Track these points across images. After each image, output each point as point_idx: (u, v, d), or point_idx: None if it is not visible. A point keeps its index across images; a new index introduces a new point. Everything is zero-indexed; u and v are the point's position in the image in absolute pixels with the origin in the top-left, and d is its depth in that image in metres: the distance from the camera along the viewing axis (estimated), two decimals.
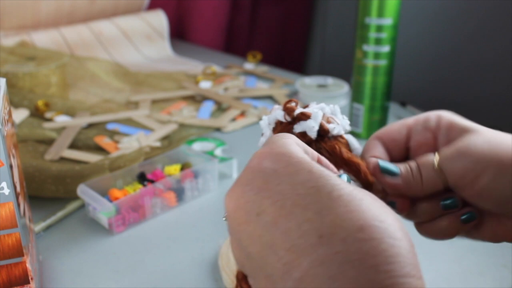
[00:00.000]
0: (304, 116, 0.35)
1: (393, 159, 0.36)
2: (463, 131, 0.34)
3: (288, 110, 0.35)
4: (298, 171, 0.26)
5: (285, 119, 0.35)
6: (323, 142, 0.35)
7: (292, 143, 0.28)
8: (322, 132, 0.35)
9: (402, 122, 0.36)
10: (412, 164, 0.34)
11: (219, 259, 0.51)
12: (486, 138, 0.33)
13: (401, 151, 0.37)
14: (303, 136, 0.35)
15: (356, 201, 0.24)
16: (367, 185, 0.35)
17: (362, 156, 0.36)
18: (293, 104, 0.36)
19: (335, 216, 0.23)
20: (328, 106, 0.36)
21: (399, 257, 0.22)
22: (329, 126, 0.35)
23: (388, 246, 0.22)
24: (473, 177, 0.32)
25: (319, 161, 0.31)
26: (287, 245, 0.23)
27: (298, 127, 0.35)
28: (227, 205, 0.27)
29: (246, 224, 0.25)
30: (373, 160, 0.34)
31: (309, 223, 0.23)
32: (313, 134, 0.34)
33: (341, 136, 0.36)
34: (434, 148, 0.35)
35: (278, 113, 0.36)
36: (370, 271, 0.21)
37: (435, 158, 0.33)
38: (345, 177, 0.31)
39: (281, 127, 0.36)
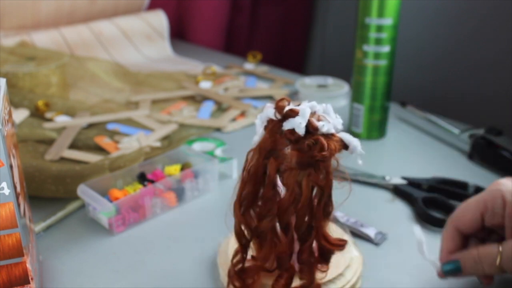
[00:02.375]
0: (293, 113, 0.35)
1: (468, 237, 0.43)
2: None
3: (278, 108, 0.36)
4: None
5: (275, 116, 0.36)
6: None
7: None
8: (311, 128, 0.35)
9: (474, 209, 0.41)
10: (475, 257, 0.40)
11: (218, 257, 0.51)
12: None
13: (478, 230, 0.42)
14: (292, 133, 0.35)
15: None
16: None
17: (441, 243, 0.44)
18: (285, 102, 0.36)
19: None
20: (321, 105, 0.37)
21: None
22: (318, 124, 0.35)
23: None
24: None
25: None
26: None
27: (287, 124, 0.35)
28: None
29: None
30: (437, 267, 0.43)
31: None
32: (301, 131, 0.34)
33: (333, 135, 0.36)
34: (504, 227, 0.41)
35: (269, 111, 0.36)
36: None
37: (498, 255, 0.39)
38: None
39: (271, 124, 0.36)
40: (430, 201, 0.62)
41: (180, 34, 1.36)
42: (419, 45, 1.10)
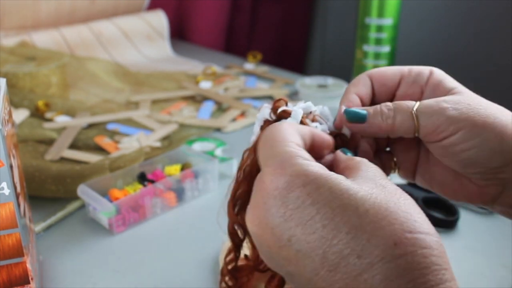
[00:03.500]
0: (285, 114, 0.35)
1: (376, 101, 0.37)
2: (449, 91, 0.35)
3: (273, 109, 0.36)
4: (319, 190, 0.25)
5: (270, 117, 0.36)
6: None
7: (295, 154, 0.27)
8: None
9: (397, 69, 0.37)
10: (386, 106, 0.34)
11: (220, 255, 0.52)
12: (466, 99, 0.34)
13: (388, 97, 0.37)
14: None
15: (382, 213, 0.25)
16: (352, 146, 0.35)
17: (347, 90, 0.37)
18: (281, 102, 0.36)
19: (369, 235, 0.24)
20: (317, 106, 0.37)
21: (433, 266, 0.24)
22: (311, 125, 0.35)
23: (422, 257, 0.24)
24: (445, 135, 0.33)
25: (314, 138, 0.31)
26: (327, 266, 0.24)
27: None
28: (251, 229, 0.27)
29: (279, 249, 0.26)
30: (341, 110, 0.35)
31: (345, 245, 0.24)
32: None
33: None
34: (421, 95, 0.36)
35: (265, 112, 0.36)
36: (409, 286, 0.23)
37: (415, 105, 0.34)
38: (347, 152, 0.32)
39: (266, 125, 0.36)
40: (430, 201, 0.62)
41: (180, 34, 1.36)
42: (419, 45, 1.10)
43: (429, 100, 0.34)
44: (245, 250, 0.47)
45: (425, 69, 0.37)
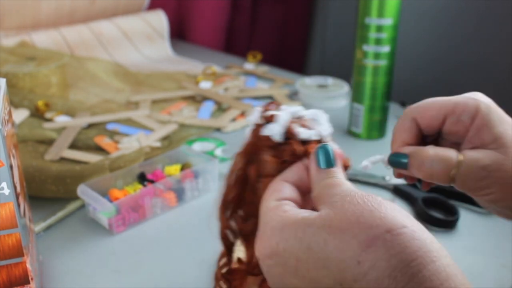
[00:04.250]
0: (271, 119, 0.35)
1: (423, 136, 0.39)
2: (492, 140, 0.36)
3: (262, 112, 0.36)
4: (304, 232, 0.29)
5: (260, 121, 0.36)
6: (289, 144, 0.35)
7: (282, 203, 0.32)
8: (289, 135, 0.35)
9: (441, 106, 0.37)
10: (427, 158, 0.36)
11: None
12: (506, 162, 0.35)
13: (434, 133, 0.39)
14: (267, 139, 0.35)
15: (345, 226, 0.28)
16: None
17: (394, 139, 0.39)
18: (271, 106, 0.36)
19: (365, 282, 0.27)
20: (310, 110, 0.37)
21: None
22: (296, 130, 0.35)
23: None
24: (478, 193, 0.36)
25: (301, 179, 0.34)
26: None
27: (265, 130, 0.35)
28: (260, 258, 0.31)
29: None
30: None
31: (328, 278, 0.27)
32: (276, 137, 0.34)
33: (317, 141, 0.35)
34: (463, 137, 0.37)
35: (255, 115, 0.36)
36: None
37: (456, 163, 0.35)
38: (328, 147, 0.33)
39: (256, 129, 0.36)
40: (430, 201, 0.62)
41: (180, 34, 1.36)
42: (419, 45, 1.10)
43: (471, 161, 0.35)
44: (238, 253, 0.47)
45: (470, 106, 0.37)
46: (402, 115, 0.39)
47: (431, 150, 0.36)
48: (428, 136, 0.39)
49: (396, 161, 0.38)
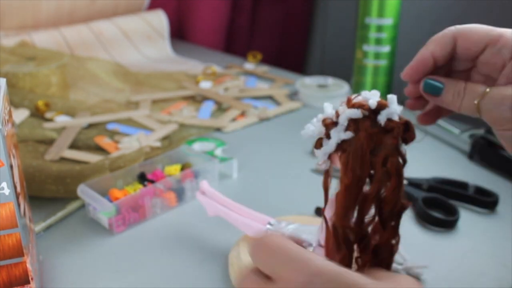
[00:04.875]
0: (384, 105, 0.35)
1: (454, 61, 0.39)
2: None
3: (364, 106, 0.35)
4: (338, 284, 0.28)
5: (363, 114, 0.35)
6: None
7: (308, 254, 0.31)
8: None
9: (485, 33, 0.37)
10: (460, 87, 0.36)
11: (230, 253, 0.52)
12: None
13: (468, 61, 0.38)
14: (390, 122, 0.35)
15: None
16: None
17: (426, 45, 0.39)
18: (359, 98, 0.36)
19: None
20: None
21: None
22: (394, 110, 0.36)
23: None
24: (504, 128, 0.35)
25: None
26: None
27: (382, 116, 0.35)
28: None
29: None
30: (414, 65, 0.38)
31: None
32: (396, 117, 0.36)
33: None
34: (499, 71, 0.37)
35: (352, 112, 0.35)
36: None
37: (482, 94, 0.36)
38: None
39: (360, 123, 0.35)
40: (430, 201, 0.62)
41: (180, 34, 1.36)
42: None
43: (499, 90, 0.35)
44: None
45: (510, 41, 0.36)
46: (444, 30, 0.38)
47: (461, 83, 0.37)
48: (459, 63, 0.39)
49: (432, 85, 0.38)
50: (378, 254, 0.37)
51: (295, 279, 0.29)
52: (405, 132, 0.36)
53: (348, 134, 0.35)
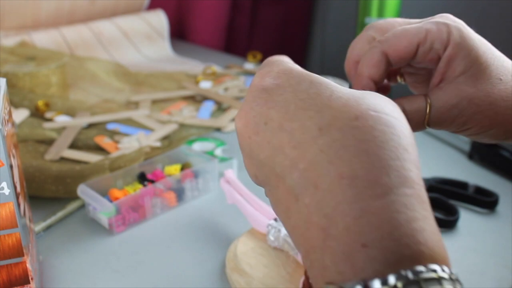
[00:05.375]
0: None
1: (390, 71, 0.38)
2: (463, 71, 0.35)
3: None
4: (300, 82, 0.27)
5: None
6: None
7: (289, 61, 0.30)
8: None
9: (412, 36, 0.35)
10: (402, 106, 0.35)
11: (227, 254, 0.52)
12: (482, 95, 0.34)
13: (403, 64, 0.37)
14: None
15: (355, 98, 0.26)
16: None
17: (360, 71, 0.36)
18: None
19: (334, 110, 0.25)
20: None
21: (390, 142, 0.24)
22: None
23: (380, 132, 0.24)
24: (461, 130, 0.35)
25: None
26: (292, 143, 0.25)
27: None
28: (237, 125, 0.29)
29: (256, 135, 0.27)
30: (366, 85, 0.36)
31: (310, 120, 0.25)
32: None
33: None
34: (438, 61, 0.36)
35: None
36: (362, 155, 0.23)
37: (425, 112, 0.35)
38: None
39: None
40: (430, 201, 0.62)
41: (180, 34, 1.36)
42: None
43: (438, 102, 0.34)
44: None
45: (443, 33, 0.35)
46: (371, 47, 0.36)
47: (404, 102, 0.35)
48: (405, 68, 0.38)
49: None
50: None
51: (265, 75, 0.29)
52: None
53: None
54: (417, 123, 0.35)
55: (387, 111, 0.25)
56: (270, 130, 0.26)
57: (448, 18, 0.37)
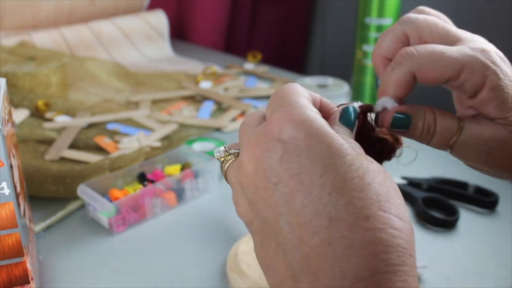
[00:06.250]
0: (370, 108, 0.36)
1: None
2: (498, 116, 0.33)
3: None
4: (317, 145, 0.26)
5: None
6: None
7: (306, 105, 0.28)
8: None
9: (445, 70, 0.33)
10: (430, 119, 0.34)
11: (228, 256, 0.52)
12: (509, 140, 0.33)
13: (432, 85, 0.35)
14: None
15: (365, 186, 0.25)
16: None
17: (386, 81, 0.35)
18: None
19: (346, 201, 0.24)
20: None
21: (398, 247, 0.24)
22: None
23: (389, 236, 0.24)
24: (476, 166, 0.34)
25: (321, 105, 0.32)
26: (300, 220, 0.25)
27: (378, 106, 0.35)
28: (247, 165, 0.27)
29: (264, 191, 0.26)
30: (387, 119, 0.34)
31: (323, 204, 0.25)
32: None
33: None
34: (466, 98, 0.35)
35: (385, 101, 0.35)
36: (369, 258, 0.23)
37: (457, 133, 0.34)
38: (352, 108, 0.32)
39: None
40: (430, 201, 0.62)
41: (180, 34, 1.36)
42: None
43: (474, 130, 0.34)
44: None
45: (477, 75, 0.33)
46: (398, 63, 0.34)
47: (431, 118, 0.34)
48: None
49: (400, 122, 0.34)
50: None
51: (283, 123, 0.27)
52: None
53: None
54: (442, 141, 0.34)
55: (394, 210, 0.25)
56: (281, 194, 0.26)
57: (491, 56, 0.33)
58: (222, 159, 0.32)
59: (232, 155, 0.32)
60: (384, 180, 0.26)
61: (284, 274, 0.25)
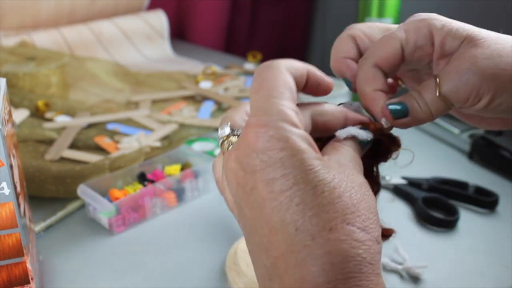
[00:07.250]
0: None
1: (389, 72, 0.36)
2: (461, 41, 0.34)
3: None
4: (291, 158, 0.27)
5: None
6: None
7: (283, 110, 0.29)
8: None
9: (393, 43, 0.35)
10: (415, 95, 0.34)
11: (228, 258, 0.52)
12: (487, 53, 0.33)
13: (397, 70, 0.36)
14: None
15: (334, 200, 0.27)
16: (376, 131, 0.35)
17: (363, 88, 0.36)
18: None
19: (313, 213, 0.26)
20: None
21: (357, 257, 0.26)
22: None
23: (349, 247, 0.26)
24: (476, 100, 0.33)
25: (309, 77, 0.35)
26: (270, 226, 0.26)
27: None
28: (229, 163, 0.29)
29: (242, 190, 0.28)
30: (381, 104, 0.35)
31: (290, 214, 0.26)
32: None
33: None
34: (429, 61, 0.35)
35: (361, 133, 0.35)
36: (326, 267, 0.25)
37: (436, 85, 0.33)
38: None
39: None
40: (430, 201, 0.62)
41: (180, 34, 1.36)
42: None
43: (448, 70, 0.33)
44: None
45: (422, 28, 0.35)
46: (360, 64, 0.36)
47: (414, 92, 0.34)
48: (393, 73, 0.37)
49: (398, 110, 0.34)
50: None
51: (259, 134, 0.28)
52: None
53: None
54: (431, 95, 0.34)
55: (361, 223, 0.27)
56: (254, 199, 0.27)
57: (420, 15, 0.37)
58: (225, 138, 0.32)
59: (237, 137, 0.32)
60: (357, 194, 0.28)
61: (263, 271, 0.27)
